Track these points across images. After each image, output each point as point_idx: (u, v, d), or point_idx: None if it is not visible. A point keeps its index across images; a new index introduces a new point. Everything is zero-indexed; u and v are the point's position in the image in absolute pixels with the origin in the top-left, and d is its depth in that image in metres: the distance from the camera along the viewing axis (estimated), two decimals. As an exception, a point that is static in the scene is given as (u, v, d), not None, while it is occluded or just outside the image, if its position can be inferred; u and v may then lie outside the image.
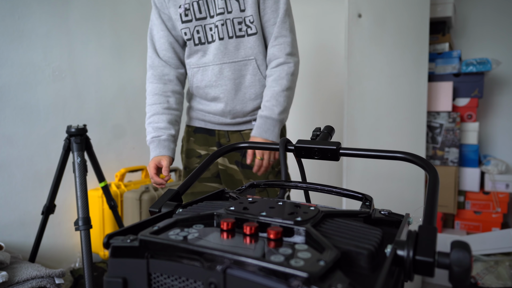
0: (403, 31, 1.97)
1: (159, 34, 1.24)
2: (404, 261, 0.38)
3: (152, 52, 1.25)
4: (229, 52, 1.19)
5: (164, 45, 1.24)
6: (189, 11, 1.19)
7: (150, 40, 1.25)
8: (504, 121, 2.67)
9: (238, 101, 1.22)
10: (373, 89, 1.94)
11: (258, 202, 0.52)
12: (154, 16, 1.25)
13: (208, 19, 1.19)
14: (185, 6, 1.19)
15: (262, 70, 1.21)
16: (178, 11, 1.20)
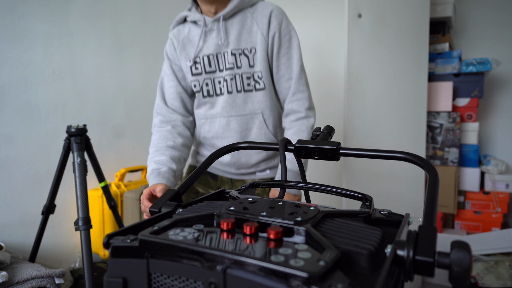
0: (403, 31, 1.97)
1: (169, 84, 1.26)
2: (404, 261, 0.38)
3: (160, 100, 1.27)
4: (237, 106, 1.22)
5: (172, 94, 1.26)
6: (199, 65, 1.23)
7: (160, 89, 1.28)
8: (504, 121, 2.67)
9: (243, 153, 1.25)
10: (373, 89, 1.93)
11: (258, 202, 0.52)
12: (165, 66, 1.28)
13: (218, 72, 1.23)
14: (195, 60, 1.23)
15: (268, 123, 1.24)
16: (188, 64, 1.24)
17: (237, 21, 1.22)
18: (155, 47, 2.19)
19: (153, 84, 2.19)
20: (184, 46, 1.25)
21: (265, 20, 1.21)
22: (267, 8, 1.23)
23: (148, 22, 2.15)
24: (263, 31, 1.20)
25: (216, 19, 1.20)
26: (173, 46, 1.27)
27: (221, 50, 1.21)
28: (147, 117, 2.16)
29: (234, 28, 1.21)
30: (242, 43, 1.21)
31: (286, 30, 1.22)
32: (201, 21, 1.21)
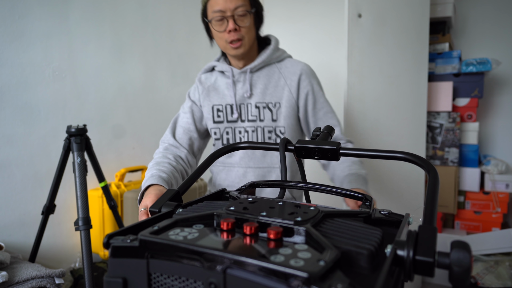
0: (403, 31, 1.97)
1: (183, 120, 1.28)
2: (404, 261, 0.38)
3: (169, 132, 1.26)
4: (256, 158, 1.24)
5: (183, 130, 1.26)
6: (222, 113, 1.26)
7: (172, 123, 1.29)
8: (504, 121, 2.67)
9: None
10: (373, 89, 1.93)
11: (258, 202, 0.52)
12: (185, 105, 1.30)
13: (239, 122, 1.26)
14: (218, 108, 1.26)
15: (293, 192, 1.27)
16: (211, 111, 1.27)
17: (264, 75, 1.26)
18: (155, 47, 2.19)
19: (153, 84, 2.19)
20: (209, 93, 1.28)
21: (295, 77, 1.24)
22: (296, 66, 1.27)
23: (148, 22, 2.15)
24: (292, 88, 1.24)
25: (243, 71, 1.24)
26: (198, 91, 1.30)
27: (245, 101, 1.25)
28: (147, 117, 2.16)
29: (261, 81, 1.25)
30: (267, 96, 1.24)
31: (318, 87, 1.27)
32: (229, 72, 1.25)
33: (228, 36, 1.16)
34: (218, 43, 1.23)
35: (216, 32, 1.19)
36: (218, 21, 1.15)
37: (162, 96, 2.24)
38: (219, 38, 1.20)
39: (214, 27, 1.17)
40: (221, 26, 1.16)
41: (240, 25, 1.15)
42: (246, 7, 1.16)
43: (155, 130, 2.17)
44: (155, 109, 2.19)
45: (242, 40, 1.17)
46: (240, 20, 1.15)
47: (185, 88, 2.33)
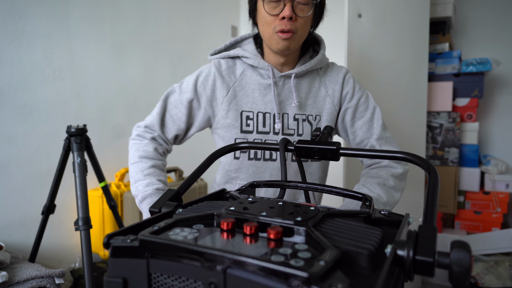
0: (403, 31, 1.97)
1: (176, 114, 1.08)
2: (404, 261, 0.38)
3: (157, 120, 1.07)
4: (289, 176, 1.07)
5: (173, 122, 1.09)
6: (252, 121, 1.05)
7: (162, 108, 1.08)
8: (504, 121, 2.67)
9: None
10: (373, 89, 1.93)
11: (258, 202, 0.52)
12: (184, 96, 1.06)
13: (271, 134, 1.06)
14: (248, 115, 1.05)
15: (314, 195, 1.13)
16: (239, 118, 1.04)
17: (305, 82, 1.07)
18: (155, 47, 2.19)
19: (153, 84, 2.19)
20: (236, 94, 1.05)
21: (338, 87, 1.08)
22: (338, 73, 1.10)
23: (148, 22, 2.15)
24: (334, 99, 1.07)
25: (287, 75, 1.04)
26: (216, 86, 1.05)
27: (281, 110, 1.05)
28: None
29: (302, 89, 1.06)
30: (307, 108, 1.07)
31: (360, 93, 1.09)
32: (268, 71, 1.03)
33: (279, 23, 0.94)
34: (263, 29, 0.99)
35: (265, 15, 0.95)
36: (273, 2, 0.94)
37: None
38: (267, 23, 0.96)
39: (266, 7, 0.94)
40: (274, 9, 0.94)
41: (298, 14, 0.94)
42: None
43: (155, 130, 2.16)
44: (155, 109, 2.19)
45: (295, 33, 0.95)
46: (300, 9, 0.94)
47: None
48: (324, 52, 1.09)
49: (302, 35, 0.99)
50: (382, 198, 0.94)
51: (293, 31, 0.95)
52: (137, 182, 1.00)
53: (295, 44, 0.98)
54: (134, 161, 1.04)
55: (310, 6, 0.96)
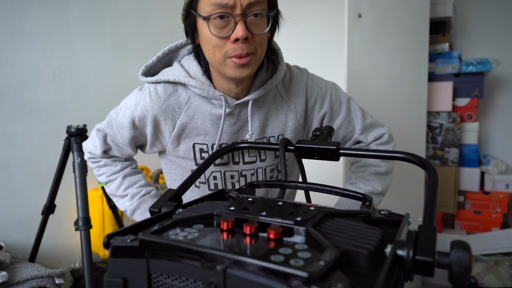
0: (403, 31, 1.97)
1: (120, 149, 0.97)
2: (404, 261, 0.38)
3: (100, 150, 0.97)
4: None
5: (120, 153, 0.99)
6: (207, 154, 0.91)
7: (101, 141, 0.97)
8: (504, 121, 2.67)
9: None
10: (373, 89, 1.93)
11: (258, 202, 0.52)
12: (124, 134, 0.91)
13: (231, 165, 0.92)
14: (201, 147, 0.90)
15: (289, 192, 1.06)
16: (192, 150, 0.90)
17: (265, 104, 0.90)
18: (155, 47, 2.19)
19: (153, 84, 2.19)
20: (184, 128, 0.88)
21: (300, 99, 0.93)
22: (298, 82, 0.93)
23: (148, 22, 2.15)
24: (297, 114, 0.93)
25: (243, 103, 0.86)
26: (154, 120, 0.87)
27: (238, 138, 0.91)
28: (147, 117, 2.16)
29: (260, 112, 0.90)
30: (268, 130, 0.92)
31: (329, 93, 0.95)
32: (221, 101, 0.85)
33: (232, 47, 0.74)
34: (211, 55, 0.78)
35: (211, 37, 0.75)
36: (220, 21, 0.73)
37: (162, 96, 2.24)
38: (215, 47, 0.76)
39: (212, 29, 0.74)
40: (222, 29, 0.74)
41: (253, 31, 0.75)
42: (264, 5, 0.76)
43: (155, 130, 2.17)
44: (155, 109, 2.20)
45: (253, 55, 0.77)
46: (255, 25, 0.75)
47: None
48: (283, 63, 0.90)
49: (261, 55, 0.80)
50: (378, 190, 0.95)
51: (251, 53, 0.76)
52: (120, 200, 0.98)
53: (254, 68, 0.79)
54: (105, 181, 0.99)
55: (265, 19, 0.77)
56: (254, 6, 0.74)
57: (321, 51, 2.45)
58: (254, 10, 0.74)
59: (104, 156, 0.99)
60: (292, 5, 2.56)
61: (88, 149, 1.00)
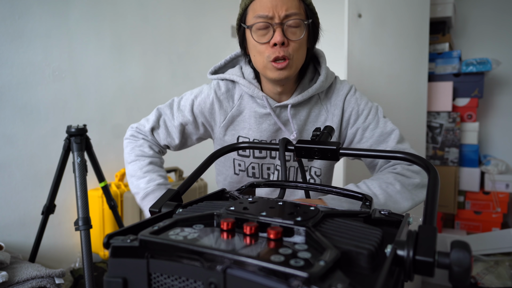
0: (403, 31, 1.97)
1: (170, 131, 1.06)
2: (404, 261, 0.38)
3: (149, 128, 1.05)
4: None
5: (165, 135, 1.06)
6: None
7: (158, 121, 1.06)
8: (504, 121, 2.67)
9: None
10: (373, 89, 1.93)
11: (258, 202, 0.52)
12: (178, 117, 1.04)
13: (268, 159, 1.04)
14: (245, 139, 1.02)
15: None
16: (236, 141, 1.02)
17: (304, 109, 1.01)
18: (155, 47, 2.19)
19: (153, 84, 2.19)
20: (233, 120, 1.03)
21: (337, 111, 1.01)
22: (338, 94, 1.02)
23: (148, 22, 2.15)
24: (333, 124, 1.01)
25: (283, 105, 0.98)
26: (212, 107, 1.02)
27: (277, 137, 1.02)
28: (147, 117, 2.16)
29: (299, 115, 1.01)
30: (304, 133, 1.02)
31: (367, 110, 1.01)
32: (263, 101, 0.98)
33: (271, 51, 0.87)
34: (256, 59, 0.92)
35: (256, 44, 0.89)
36: (261, 30, 0.88)
37: (162, 96, 2.24)
38: (259, 52, 0.90)
39: (254, 36, 0.89)
40: (264, 36, 0.88)
41: (290, 38, 0.88)
42: (301, 16, 0.89)
43: (155, 130, 2.17)
44: (155, 109, 2.19)
45: (290, 59, 0.88)
46: (291, 32, 0.88)
47: (185, 88, 2.33)
48: (325, 74, 1.00)
49: (298, 60, 0.92)
50: (378, 199, 0.90)
51: (288, 57, 0.88)
52: (138, 180, 1.00)
53: (292, 71, 0.91)
54: (131, 159, 1.04)
55: (302, 28, 0.89)
56: (291, 16, 0.87)
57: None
58: (291, 19, 0.87)
59: (146, 137, 1.06)
60: (292, 5, 2.55)
61: (136, 124, 1.08)
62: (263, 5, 0.86)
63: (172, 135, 1.06)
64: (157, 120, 1.05)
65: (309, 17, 0.91)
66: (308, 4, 0.91)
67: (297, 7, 0.88)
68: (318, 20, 0.96)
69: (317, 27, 0.97)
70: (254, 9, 0.88)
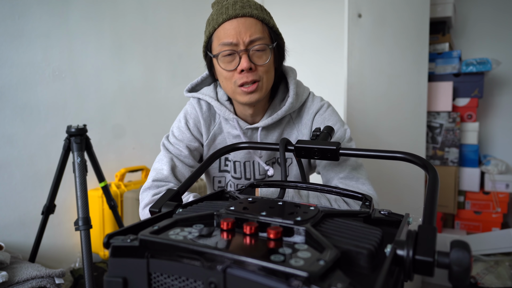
0: (403, 31, 1.97)
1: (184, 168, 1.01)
2: (404, 261, 0.38)
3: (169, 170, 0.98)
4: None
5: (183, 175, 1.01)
6: (230, 163, 1.05)
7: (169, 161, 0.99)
8: (504, 121, 2.67)
9: None
10: (373, 89, 1.93)
11: (258, 202, 0.52)
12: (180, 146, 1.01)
13: (243, 180, 1.06)
14: (226, 157, 1.04)
15: None
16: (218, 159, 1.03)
17: (276, 130, 1.01)
18: (155, 47, 2.19)
19: (153, 84, 2.19)
20: (215, 139, 1.04)
21: (306, 130, 1.01)
22: (309, 112, 1.02)
23: (148, 22, 2.15)
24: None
25: (254, 128, 0.99)
26: (200, 126, 1.03)
27: (251, 159, 1.03)
28: (147, 117, 2.16)
29: (271, 136, 1.02)
30: (276, 154, 1.04)
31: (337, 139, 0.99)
32: (234, 123, 0.99)
33: (239, 76, 0.88)
34: (224, 85, 0.93)
35: (223, 71, 0.90)
36: (227, 57, 0.88)
37: (162, 96, 2.24)
38: (226, 79, 0.91)
39: (221, 64, 0.89)
40: (230, 63, 0.89)
41: (256, 63, 0.88)
42: (265, 40, 0.89)
43: (155, 130, 2.17)
44: (155, 109, 2.20)
45: (259, 82, 0.89)
46: (257, 56, 0.88)
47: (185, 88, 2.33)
48: (294, 94, 0.98)
49: (267, 82, 0.92)
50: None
51: (257, 80, 0.89)
52: None
53: (262, 93, 0.91)
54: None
55: (268, 52, 0.89)
56: (255, 42, 0.87)
57: (321, 51, 2.45)
58: (255, 45, 0.87)
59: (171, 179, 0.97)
60: (293, 4, 2.56)
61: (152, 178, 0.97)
62: (227, 33, 0.87)
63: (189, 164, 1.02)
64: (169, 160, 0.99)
65: (274, 40, 0.92)
66: (271, 26, 0.91)
67: (261, 31, 0.88)
68: (283, 40, 0.96)
69: (282, 48, 0.97)
70: (218, 36, 0.89)
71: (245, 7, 0.88)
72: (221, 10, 0.90)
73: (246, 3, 0.89)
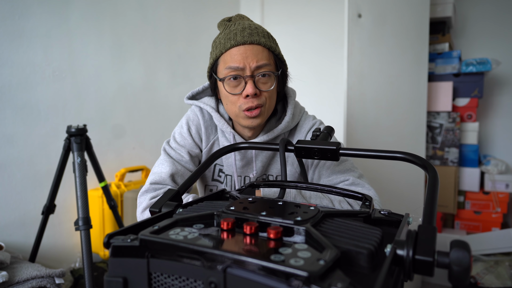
0: (403, 31, 1.97)
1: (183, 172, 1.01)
2: (404, 261, 0.38)
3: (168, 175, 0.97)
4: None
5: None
6: (223, 174, 1.07)
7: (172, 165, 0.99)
8: (504, 121, 2.67)
9: None
10: (373, 89, 1.94)
11: (258, 202, 0.52)
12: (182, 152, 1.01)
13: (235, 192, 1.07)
14: (220, 168, 1.05)
15: None
16: (213, 168, 1.05)
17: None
18: (155, 47, 2.19)
19: (153, 84, 2.19)
20: (212, 148, 1.05)
21: None
22: (301, 131, 1.04)
23: (148, 22, 2.15)
24: (294, 162, 1.03)
25: None
26: (201, 133, 1.03)
27: (243, 174, 1.05)
28: (147, 117, 2.16)
29: (264, 154, 1.03)
30: (269, 169, 1.05)
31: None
32: (230, 137, 1.01)
33: (243, 101, 0.90)
34: (228, 108, 0.95)
35: (228, 95, 0.92)
36: (233, 81, 0.90)
37: (162, 96, 2.24)
38: (231, 102, 0.93)
39: (227, 87, 0.91)
40: (236, 88, 0.91)
41: (261, 88, 0.90)
42: (271, 67, 0.92)
43: (155, 130, 2.17)
44: (155, 109, 2.20)
45: (262, 107, 0.91)
46: (262, 83, 0.91)
47: (185, 88, 2.33)
48: (291, 114, 1.00)
49: (270, 107, 0.95)
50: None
51: (260, 105, 0.91)
52: None
53: (264, 118, 0.94)
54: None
55: (272, 78, 0.92)
56: (261, 68, 0.89)
57: (321, 51, 2.45)
58: (261, 72, 0.90)
59: (169, 183, 0.97)
60: (292, 5, 2.56)
61: (150, 181, 0.98)
62: (234, 58, 0.89)
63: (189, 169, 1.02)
64: (170, 163, 1.00)
65: (279, 67, 0.94)
66: (277, 54, 0.94)
67: (267, 58, 0.91)
68: (287, 66, 0.99)
69: (285, 74, 0.99)
70: (225, 60, 0.91)
71: (253, 35, 0.90)
72: (229, 35, 0.91)
73: (254, 31, 0.90)
